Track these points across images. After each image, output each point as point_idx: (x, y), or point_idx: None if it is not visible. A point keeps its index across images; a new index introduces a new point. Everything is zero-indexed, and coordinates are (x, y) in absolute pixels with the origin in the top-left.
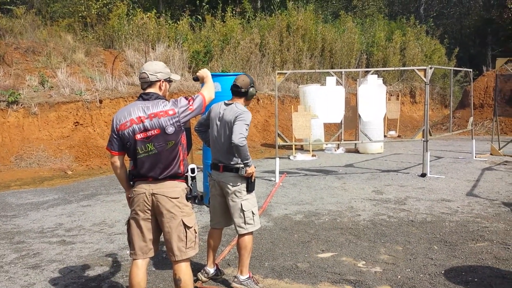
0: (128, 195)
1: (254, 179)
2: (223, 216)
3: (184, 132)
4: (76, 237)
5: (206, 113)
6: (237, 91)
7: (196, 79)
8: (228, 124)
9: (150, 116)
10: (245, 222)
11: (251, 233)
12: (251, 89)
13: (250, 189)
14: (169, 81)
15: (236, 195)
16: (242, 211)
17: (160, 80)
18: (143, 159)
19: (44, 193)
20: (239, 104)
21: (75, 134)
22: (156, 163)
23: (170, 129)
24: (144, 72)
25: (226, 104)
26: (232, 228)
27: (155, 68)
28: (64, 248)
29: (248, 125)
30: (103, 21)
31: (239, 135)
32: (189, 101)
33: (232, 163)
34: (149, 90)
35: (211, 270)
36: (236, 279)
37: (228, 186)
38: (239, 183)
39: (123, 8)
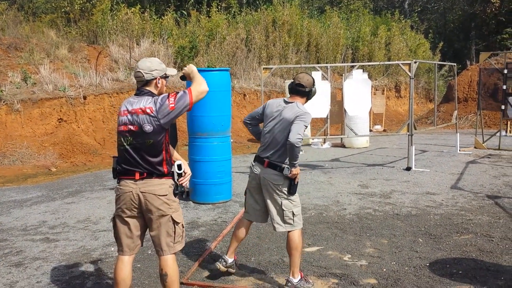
0: None
1: (297, 182)
2: (261, 212)
3: (168, 131)
4: (60, 234)
5: (261, 107)
6: (301, 91)
7: (183, 78)
8: (286, 122)
9: (131, 111)
10: (284, 221)
11: (299, 231)
12: (313, 89)
13: (292, 191)
14: (165, 77)
15: (277, 194)
16: (282, 210)
17: (156, 78)
18: (123, 152)
19: (27, 191)
20: (300, 104)
21: (59, 130)
22: (135, 158)
23: (148, 128)
24: (139, 71)
25: (286, 102)
26: (220, 223)
27: (149, 66)
28: (48, 246)
29: (307, 126)
30: (86, 16)
31: (297, 135)
32: (169, 99)
33: (279, 161)
34: (144, 88)
35: (229, 260)
36: (289, 283)
37: (270, 183)
38: (281, 183)
39: (107, 3)
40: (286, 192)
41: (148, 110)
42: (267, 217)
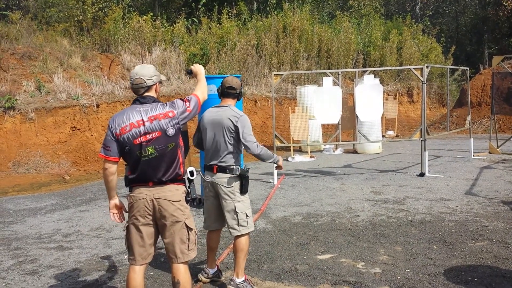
0: (113, 203)
1: (248, 181)
2: (217, 218)
3: (181, 135)
4: (74, 242)
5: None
6: (232, 93)
7: (190, 72)
8: (224, 126)
9: (150, 118)
10: (238, 224)
11: (247, 235)
12: (242, 90)
13: (244, 190)
14: (160, 82)
15: (229, 196)
16: (236, 212)
17: (155, 83)
18: (143, 163)
19: (41, 199)
20: (233, 107)
21: (72, 139)
22: (158, 166)
23: (171, 131)
24: (140, 78)
25: (218, 107)
26: None
27: (149, 72)
28: (62, 254)
29: (250, 128)
30: (99, 25)
31: (254, 144)
32: (185, 103)
33: (226, 164)
34: (146, 94)
35: (211, 270)
36: (232, 282)
37: (222, 187)
38: (233, 184)
39: (119, 11)
40: (239, 193)
41: (170, 114)
42: (224, 221)
